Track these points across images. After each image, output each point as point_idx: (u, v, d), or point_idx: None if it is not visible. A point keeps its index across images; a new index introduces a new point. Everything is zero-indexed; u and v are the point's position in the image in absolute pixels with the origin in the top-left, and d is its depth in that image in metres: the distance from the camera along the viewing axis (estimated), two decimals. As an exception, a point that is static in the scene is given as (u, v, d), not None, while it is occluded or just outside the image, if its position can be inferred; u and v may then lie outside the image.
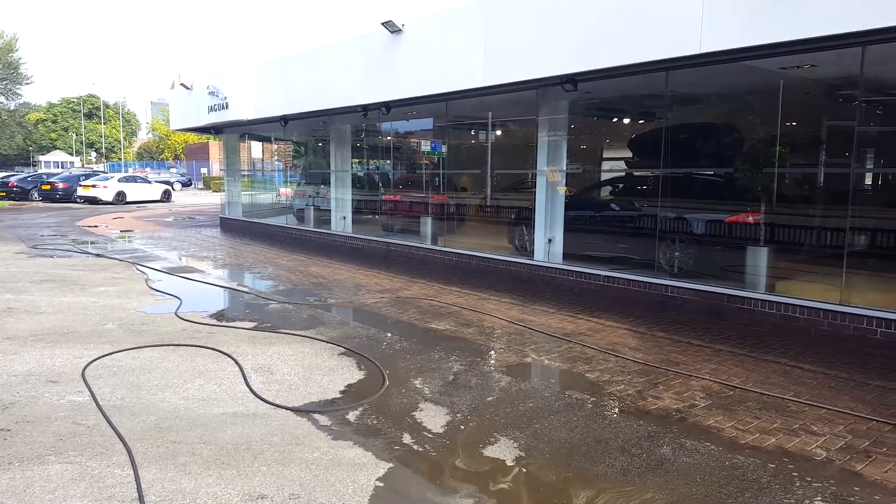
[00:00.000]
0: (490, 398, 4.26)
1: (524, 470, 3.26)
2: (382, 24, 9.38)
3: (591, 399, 4.25)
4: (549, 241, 8.71)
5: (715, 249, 7.75)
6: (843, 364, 5.05)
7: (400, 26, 9.29)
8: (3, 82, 68.33)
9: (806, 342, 5.68)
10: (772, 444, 3.57)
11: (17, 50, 67.17)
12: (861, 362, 5.09)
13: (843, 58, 5.76)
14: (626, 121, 10.94)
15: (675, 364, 5.03)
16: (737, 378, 4.68)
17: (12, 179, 30.57)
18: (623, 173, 10.40)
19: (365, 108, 10.90)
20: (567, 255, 8.55)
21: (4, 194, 28.97)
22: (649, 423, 3.85)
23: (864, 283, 6.12)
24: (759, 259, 7.04)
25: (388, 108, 10.50)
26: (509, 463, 3.33)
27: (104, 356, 5.06)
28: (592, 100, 9.09)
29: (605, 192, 9.85)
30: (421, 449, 3.49)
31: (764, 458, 3.39)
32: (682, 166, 7.84)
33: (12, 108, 70.22)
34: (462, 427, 3.78)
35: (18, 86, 69.22)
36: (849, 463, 3.35)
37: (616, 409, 4.08)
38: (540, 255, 8.77)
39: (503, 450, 3.48)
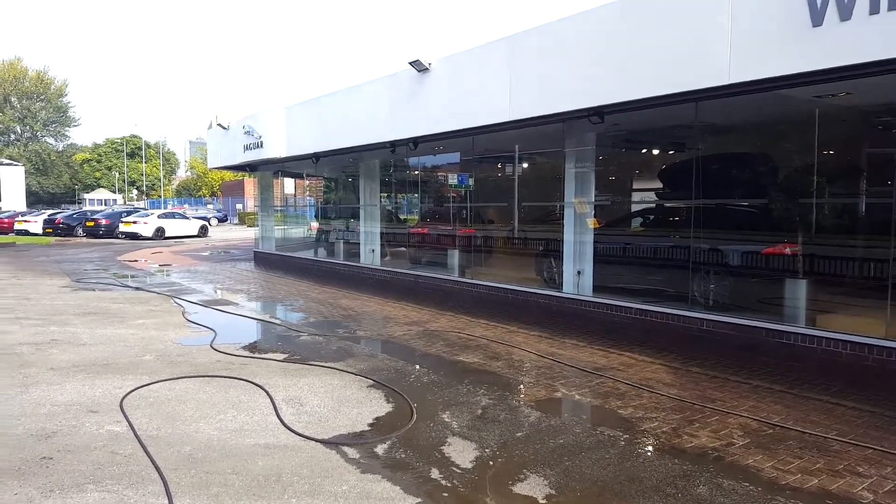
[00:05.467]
0: (519, 433, 4.20)
1: (555, 508, 3.19)
2: (410, 63, 9.62)
3: (624, 436, 4.15)
4: (579, 273, 8.64)
5: (752, 282, 7.55)
6: (890, 402, 4.82)
7: (427, 65, 9.52)
8: (53, 125, 72.36)
9: (849, 378, 5.45)
10: (814, 485, 3.42)
11: (66, 95, 71.25)
12: (910, 399, 4.86)
13: (880, 85, 5.66)
14: (656, 151, 10.89)
15: (711, 400, 4.88)
16: (776, 416, 4.52)
17: (58, 217, 31.98)
18: (653, 204, 10.31)
19: (393, 145, 11.14)
20: (597, 288, 8.46)
21: (51, 231, 30.30)
22: (685, 461, 3.74)
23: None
24: (798, 292, 6.83)
25: (416, 144, 10.71)
26: (540, 501, 3.27)
27: (141, 387, 5.18)
28: (620, 131, 9.10)
29: (636, 223, 9.77)
30: (449, 484, 3.45)
31: (806, 499, 3.25)
32: (715, 197, 7.73)
33: (60, 148, 74.07)
34: (491, 463, 3.73)
35: (67, 128, 73.27)
36: (900, 506, 3.18)
37: (650, 447, 3.97)
38: (569, 288, 8.69)
39: (533, 487, 3.41)
